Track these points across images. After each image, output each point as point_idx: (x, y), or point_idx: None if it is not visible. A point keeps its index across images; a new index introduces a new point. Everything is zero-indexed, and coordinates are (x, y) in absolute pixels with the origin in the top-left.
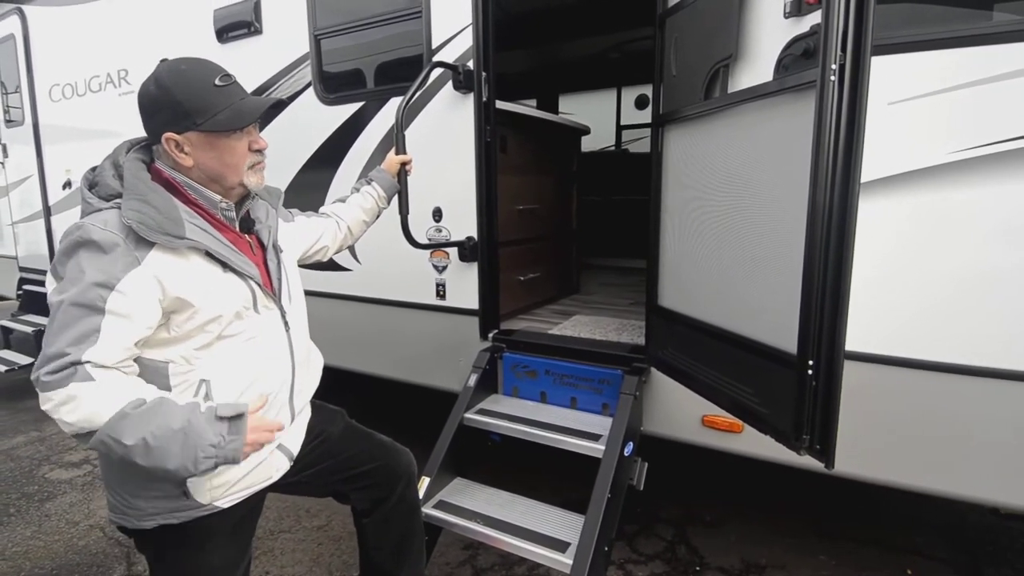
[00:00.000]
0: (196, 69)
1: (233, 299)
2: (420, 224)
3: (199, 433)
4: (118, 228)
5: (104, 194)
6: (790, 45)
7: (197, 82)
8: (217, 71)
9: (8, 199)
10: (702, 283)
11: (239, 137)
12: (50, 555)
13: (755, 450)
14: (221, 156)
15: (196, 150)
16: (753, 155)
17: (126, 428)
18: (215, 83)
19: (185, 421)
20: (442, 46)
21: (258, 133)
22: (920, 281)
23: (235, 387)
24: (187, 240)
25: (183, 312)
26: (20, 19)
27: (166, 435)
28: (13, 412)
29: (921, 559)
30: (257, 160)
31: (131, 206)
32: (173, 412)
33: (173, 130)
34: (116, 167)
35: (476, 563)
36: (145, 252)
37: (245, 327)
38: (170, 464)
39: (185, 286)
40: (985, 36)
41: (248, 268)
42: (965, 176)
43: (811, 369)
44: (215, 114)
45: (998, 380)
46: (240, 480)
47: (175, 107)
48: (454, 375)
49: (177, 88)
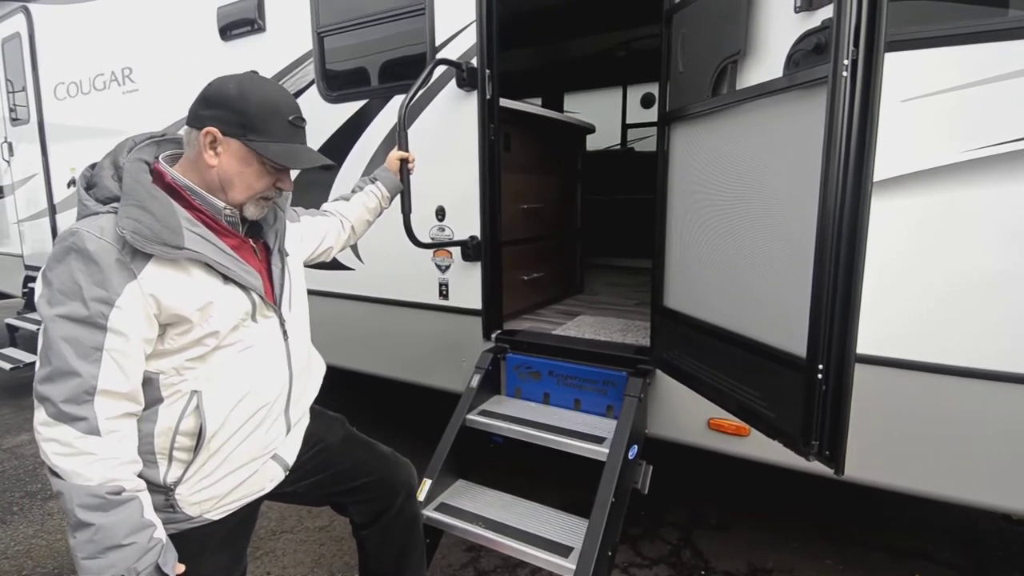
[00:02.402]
0: (279, 97)
1: (233, 312)
2: (423, 223)
3: (127, 557)
4: (113, 238)
5: (101, 196)
6: (801, 40)
7: (272, 107)
8: (295, 110)
9: (14, 197)
10: (709, 284)
11: (272, 171)
12: (52, 554)
13: (762, 454)
14: (246, 175)
15: (228, 157)
16: (762, 154)
17: (85, 502)
18: (288, 118)
19: (129, 539)
20: (445, 43)
21: (290, 177)
22: (932, 283)
23: (228, 399)
24: (185, 251)
25: (179, 326)
26: (26, 17)
27: (103, 535)
28: (18, 410)
29: (929, 564)
30: (270, 196)
31: (127, 213)
32: (130, 520)
33: (221, 128)
34: (116, 167)
35: (479, 565)
36: (141, 264)
37: (241, 337)
38: (80, 552)
39: (182, 301)
40: (1001, 32)
41: (250, 279)
42: (981, 175)
43: (821, 373)
44: (271, 141)
45: (1012, 384)
46: (230, 492)
47: (240, 113)
48: (457, 376)
49: (253, 100)
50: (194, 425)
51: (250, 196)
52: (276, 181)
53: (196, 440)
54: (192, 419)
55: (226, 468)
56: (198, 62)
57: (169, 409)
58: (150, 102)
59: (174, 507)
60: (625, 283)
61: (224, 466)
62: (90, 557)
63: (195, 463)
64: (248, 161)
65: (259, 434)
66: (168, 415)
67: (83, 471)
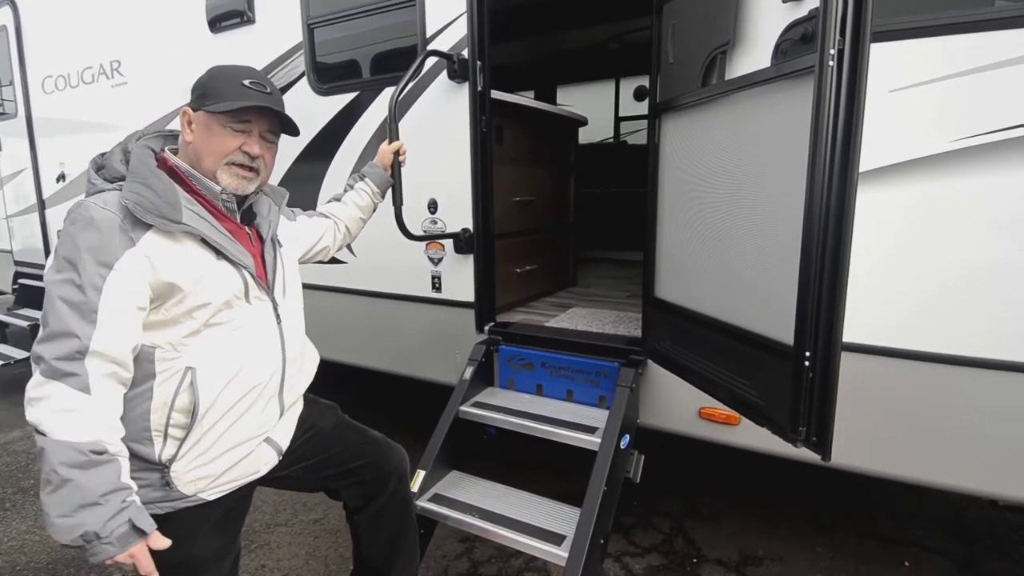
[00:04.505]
0: (239, 69)
1: (224, 287)
2: (415, 216)
3: (98, 516)
4: (117, 208)
5: (109, 176)
6: (788, 30)
7: (229, 77)
8: (252, 75)
9: (2, 192)
10: (699, 274)
11: (234, 133)
12: (45, 549)
13: (753, 442)
14: (210, 140)
15: (198, 129)
16: (751, 143)
17: (68, 458)
18: (243, 82)
19: (104, 498)
20: (436, 35)
21: (260, 142)
22: (919, 272)
23: (221, 376)
24: (182, 225)
25: (172, 296)
26: (12, 10)
27: (79, 494)
28: (9, 406)
29: (919, 551)
30: (240, 162)
31: (131, 188)
32: (107, 481)
33: (191, 106)
34: (125, 152)
35: (473, 555)
36: (141, 233)
37: (234, 316)
38: (54, 510)
39: (176, 270)
40: (987, 22)
41: (242, 257)
42: (968, 165)
43: (808, 360)
44: (222, 101)
45: (997, 371)
46: (225, 473)
47: (202, 88)
48: (450, 368)
49: (212, 75)
50: (188, 402)
51: (218, 160)
52: (242, 144)
53: (191, 417)
54: (187, 395)
55: (221, 447)
56: (187, 54)
57: (163, 387)
58: (139, 95)
59: (170, 484)
60: (618, 275)
61: (218, 445)
62: (63, 515)
63: (189, 439)
64: (210, 126)
65: (253, 414)
66: (163, 392)
67: (72, 427)
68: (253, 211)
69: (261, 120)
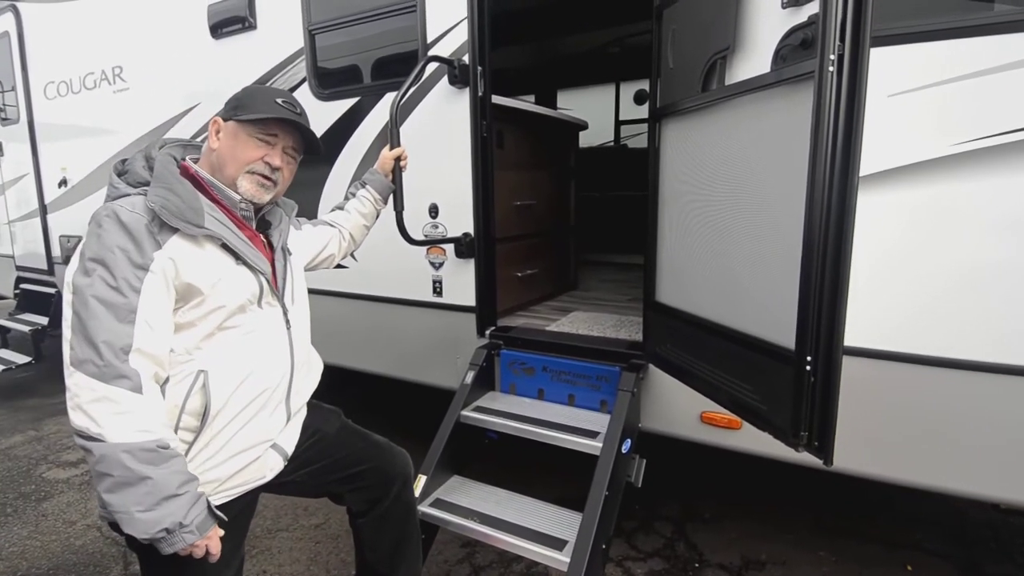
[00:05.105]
0: (273, 90)
1: (241, 291)
2: (416, 221)
3: (181, 506)
4: (144, 210)
5: (132, 181)
6: (788, 35)
7: (263, 93)
8: (285, 96)
9: (4, 198)
10: (700, 278)
11: (259, 144)
12: (47, 555)
13: (754, 446)
14: (235, 148)
15: (225, 137)
16: (751, 148)
17: (139, 456)
18: (275, 99)
19: (182, 488)
20: (437, 40)
21: (282, 156)
22: (920, 276)
23: (232, 379)
24: (205, 229)
25: (192, 298)
26: (15, 16)
27: (159, 487)
28: (11, 411)
29: (921, 555)
30: (261, 172)
31: (157, 192)
32: (180, 472)
33: (222, 116)
34: (148, 159)
35: (474, 561)
36: (167, 236)
37: (245, 320)
38: (137, 507)
39: (197, 273)
40: (986, 26)
41: (260, 263)
42: (969, 169)
43: (809, 365)
44: (255, 114)
45: (999, 375)
46: (232, 477)
47: (236, 101)
48: (451, 372)
49: (247, 91)
50: (200, 404)
51: (240, 168)
52: (264, 155)
53: (201, 420)
54: (198, 398)
55: (229, 451)
56: (189, 60)
57: (175, 388)
58: (141, 101)
59: None
60: (619, 279)
61: (227, 448)
62: (148, 509)
63: (199, 442)
64: (237, 135)
65: (261, 419)
66: (175, 394)
67: (135, 427)
68: (267, 220)
69: (286, 135)
